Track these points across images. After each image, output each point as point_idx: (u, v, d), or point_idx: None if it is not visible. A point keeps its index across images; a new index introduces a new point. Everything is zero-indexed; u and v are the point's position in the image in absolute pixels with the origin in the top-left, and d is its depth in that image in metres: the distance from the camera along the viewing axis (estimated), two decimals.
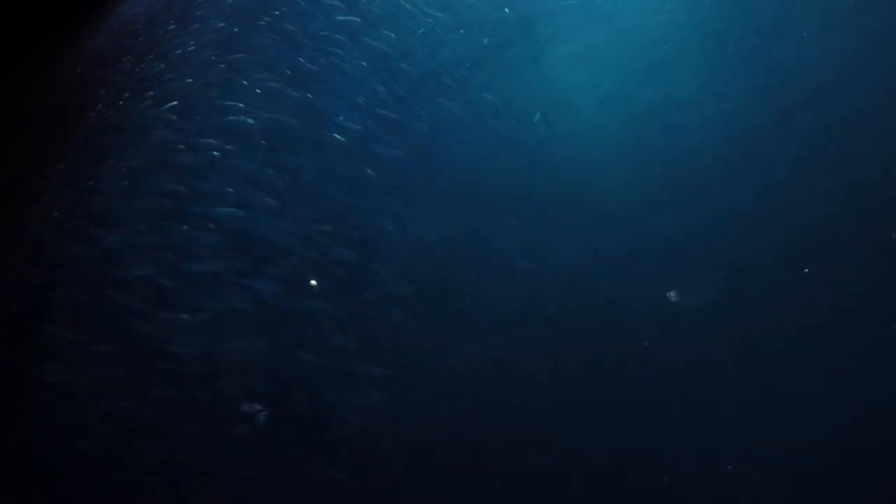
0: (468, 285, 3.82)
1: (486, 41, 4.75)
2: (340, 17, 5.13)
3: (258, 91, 4.97)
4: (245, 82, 5.08)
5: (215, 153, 4.73)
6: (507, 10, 4.89)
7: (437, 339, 3.70)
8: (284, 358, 3.84)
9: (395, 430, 3.50)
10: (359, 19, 5.07)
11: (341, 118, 4.59)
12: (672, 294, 3.49)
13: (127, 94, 5.72)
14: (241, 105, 4.94)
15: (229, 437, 3.66)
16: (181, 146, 4.88)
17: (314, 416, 3.66)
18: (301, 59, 4.99)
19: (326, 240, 4.12)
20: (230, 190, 4.45)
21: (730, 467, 3.07)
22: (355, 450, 3.50)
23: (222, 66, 5.31)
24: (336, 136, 4.52)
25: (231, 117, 4.89)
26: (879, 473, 2.87)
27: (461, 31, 4.84)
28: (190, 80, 5.40)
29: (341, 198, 4.26)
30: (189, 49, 5.75)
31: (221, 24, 5.77)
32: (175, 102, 5.28)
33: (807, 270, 3.37)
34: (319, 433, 3.60)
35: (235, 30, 5.58)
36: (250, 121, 4.81)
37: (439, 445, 3.39)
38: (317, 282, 4.06)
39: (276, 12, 5.43)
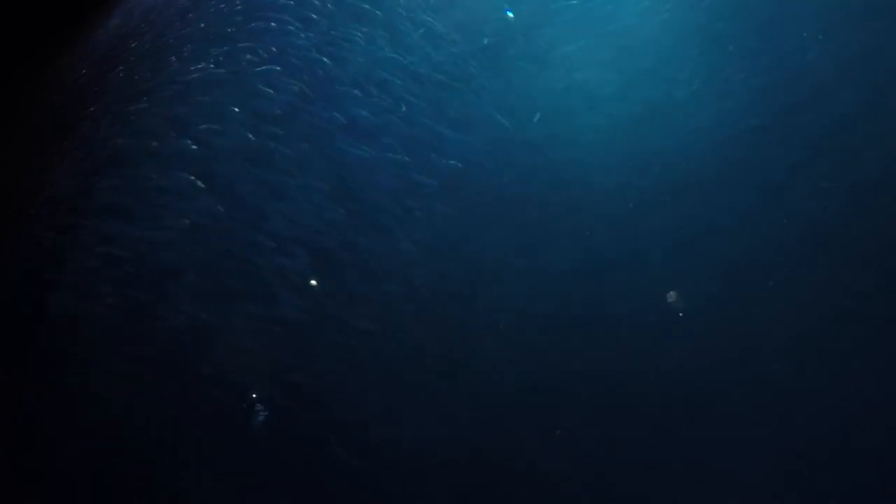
0: (467, 285, 3.82)
1: (486, 41, 4.75)
2: (339, 17, 5.14)
3: (258, 92, 4.97)
4: (245, 83, 5.08)
5: (215, 152, 4.73)
6: (507, 10, 4.90)
7: (434, 340, 3.70)
8: (283, 357, 3.84)
9: (392, 431, 3.50)
10: (358, 19, 5.08)
11: (341, 119, 4.59)
12: (671, 294, 3.49)
13: (127, 95, 5.72)
14: (241, 106, 4.94)
15: (233, 435, 3.66)
16: (182, 146, 4.89)
17: (313, 416, 3.66)
18: (300, 60, 4.99)
19: (324, 240, 4.13)
20: (230, 188, 4.46)
21: (730, 468, 3.07)
22: (352, 452, 3.50)
23: (222, 65, 5.31)
24: (331, 135, 4.53)
25: (231, 116, 4.89)
26: (880, 473, 2.86)
27: (461, 32, 4.84)
28: (190, 79, 5.40)
29: (339, 199, 4.27)
30: (189, 49, 5.76)
31: (221, 25, 5.77)
32: (175, 102, 5.28)
33: (807, 271, 3.37)
34: (317, 434, 3.60)
35: (235, 30, 5.58)
36: (251, 121, 4.82)
37: (437, 447, 3.39)
38: (317, 282, 4.06)
39: (275, 13, 5.43)
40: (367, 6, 5.12)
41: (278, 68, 4.99)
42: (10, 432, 3.97)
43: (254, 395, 3.73)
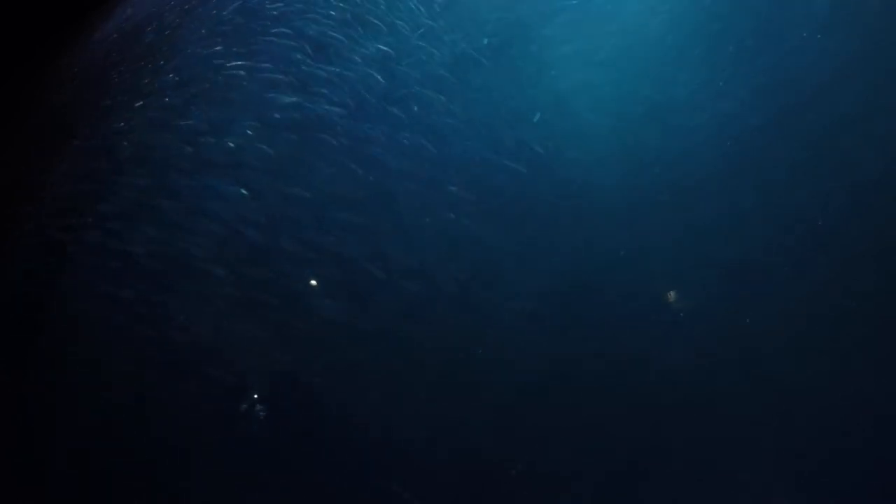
0: (467, 286, 3.82)
1: (486, 41, 4.75)
2: (340, 18, 5.14)
3: (259, 92, 4.98)
4: (246, 83, 5.08)
5: (216, 151, 4.74)
6: (506, 10, 4.90)
7: (434, 340, 3.70)
8: (284, 357, 3.85)
9: (392, 431, 3.50)
10: (358, 20, 5.08)
11: (341, 119, 4.59)
12: (671, 294, 3.49)
13: (127, 95, 5.72)
14: (242, 106, 4.95)
15: (233, 435, 3.66)
16: (182, 145, 4.89)
17: (313, 414, 3.66)
18: (300, 60, 4.99)
19: (326, 240, 4.13)
20: (230, 188, 4.46)
21: (730, 468, 3.07)
22: (352, 449, 3.50)
23: (223, 66, 5.31)
24: (335, 137, 4.53)
25: (231, 117, 4.90)
26: (880, 473, 2.86)
27: (461, 31, 4.84)
28: (191, 79, 5.40)
29: (340, 198, 4.27)
30: (190, 50, 5.76)
31: (223, 25, 5.77)
32: (176, 102, 5.28)
33: (807, 271, 3.37)
34: (318, 431, 3.60)
35: (236, 31, 5.58)
36: (252, 121, 4.82)
37: (437, 447, 3.39)
38: (317, 282, 4.07)
39: (276, 12, 5.43)
40: (368, 7, 5.13)
41: (276, 71, 4.98)
42: (10, 432, 3.97)
43: (254, 396, 3.73)
